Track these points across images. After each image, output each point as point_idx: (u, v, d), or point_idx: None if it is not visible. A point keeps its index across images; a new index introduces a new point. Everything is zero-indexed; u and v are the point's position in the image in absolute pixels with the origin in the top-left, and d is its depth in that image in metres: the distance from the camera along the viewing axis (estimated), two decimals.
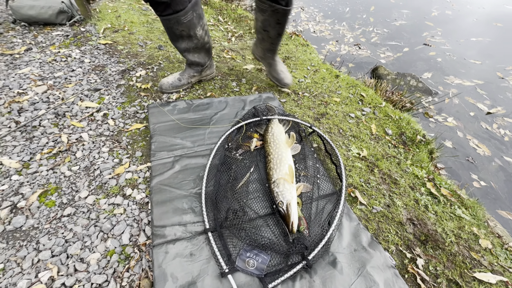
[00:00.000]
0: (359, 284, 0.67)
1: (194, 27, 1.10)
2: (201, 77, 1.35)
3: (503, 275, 0.77)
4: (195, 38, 1.14)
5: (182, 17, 1.03)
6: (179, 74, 1.30)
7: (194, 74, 1.30)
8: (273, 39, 1.23)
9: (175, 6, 1.00)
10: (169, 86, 1.28)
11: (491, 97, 1.73)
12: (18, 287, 0.69)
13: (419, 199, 0.97)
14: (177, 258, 0.71)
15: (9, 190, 0.89)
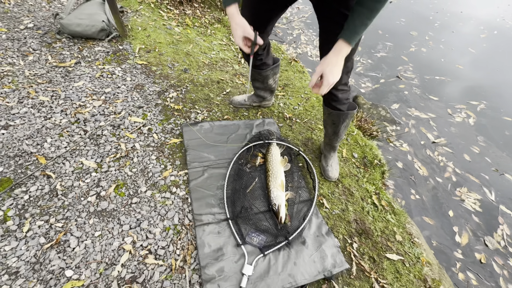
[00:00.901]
0: (317, 255, 1.16)
1: (268, 79, 1.58)
2: (259, 105, 1.85)
3: (403, 256, 1.28)
4: (267, 83, 1.62)
5: (263, 72, 1.51)
6: (247, 97, 1.82)
7: (255, 101, 1.82)
8: (330, 136, 1.43)
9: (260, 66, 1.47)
10: (238, 103, 1.83)
11: (438, 129, 2.25)
12: (113, 246, 1.14)
13: (365, 207, 1.46)
14: (210, 234, 1.17)
15: (92, 183, 1.32)
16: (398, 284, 1.18)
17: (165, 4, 2.89)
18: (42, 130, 1.50)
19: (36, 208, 1.19)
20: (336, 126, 1.35)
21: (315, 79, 0.99)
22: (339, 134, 1.41)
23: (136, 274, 1.07)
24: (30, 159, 1.36)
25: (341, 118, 1.31)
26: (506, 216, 1.78)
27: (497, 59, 3.14)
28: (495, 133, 2.30)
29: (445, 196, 1.85)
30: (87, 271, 1.05)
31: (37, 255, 1.07)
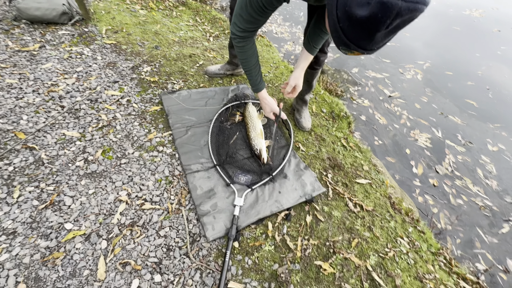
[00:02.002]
0: (297, 184, 1.32)
1: None
2: (233, 72, 1.91)
3: (370, 181, 1.49)
4: None
5: None
6: (220, 66, 1.87)
7: (229, 69, 1.88)
8: (303, 91, 1.59)
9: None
10: (212, 73, 1.88)
11: (393, 85, 2.54)
12: (109, 200, 1.20)
13: (335, 148, 1.66)
14: (201, 179, 1.28)
15: (78, 150, 1.35)
16: (367, 200, 1.39)
17: None
18: (15, 109, 1.48)
19: (24, 177, 1.21)
20: (310, 82, 1.57)
21: (289, 89, 1.31)
22: (312, 87, 1.62)
23: (135, 220, 1.15)
24: (8, 136, 1.35)
25: (314, 74, 1.53)
26: (451, 148, 2.10)
27: (436, 26, 3.55)
28: (439, 85, 2.65)
29: (402, 138, 2.12)
30: (87, 223, 1.11)
31: (33, 215, 1.10)
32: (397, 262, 1.18)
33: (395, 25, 0.56)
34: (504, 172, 1.97)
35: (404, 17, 0.54)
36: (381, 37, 0.60)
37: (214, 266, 1.05)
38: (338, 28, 0.62)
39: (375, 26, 0.56)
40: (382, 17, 0.54)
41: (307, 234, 1.18)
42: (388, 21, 0.55)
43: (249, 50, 1.11)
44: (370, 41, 0.60)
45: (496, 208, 1.76)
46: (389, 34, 0.60)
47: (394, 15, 0.53)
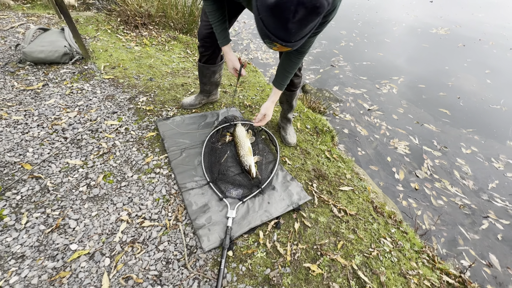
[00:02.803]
0: (285, 194, 1.43)
1: (215, 73, 1.80)
2: (208, 101, 2.04)
3: (353, 187, 1.61)
4: (213, 77, 1.82)
5: (212, 66, 1.72)
6: (194, 97, 1.99)
7: (203, 98, 2.00)
8: (285, 110, 1.80)
9: (211, 58, 1.68)
10: (188, 105, 1.98)
11: (371, 99, 2.76)
12: (110, 220, 1.29)
13: (320, 160, 1.80)
14: (195, 195, 1.39)
15: (81, 177, 1.46)
16: (351, 205, 1.50)
17: (121, 29, 3.13)
18: (21, 143, 1.60)
19: (31, 204, 1.31)
20: (290, 102, 1.76)
21: (260, 117, 1.48)
22: (292, 107, 1.80)
23: (136, 237, 1.24)
24: (15, 168, 1.46)
25: (293, 95, 1.71)
26: (428, 153, 2.25)
27: (407, 44, 3.89)
28: (414, 97, 2.88)
29: (383, 147, 2.28)
30: (91, 242, 1.20)
31: (40, 239, 1.19)
32: (381, 261, 1.27)
33: (302, 15, 0.69)
34: (478, 172, 2.12)
35: (306, 4, 0.66)
36: (295, 28, 0.73)
37: (211, 274, 1.13)
38: (259, 19, 0.76)
39: (283, 13, 0.68)
40: (286, 3, 0.66)
41: (296, 239, 1.28)
42: (292, 8, 0.67)
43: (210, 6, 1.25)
44: (286, 31, 0.73)
45: (475, 206, 1.88)
46: (301, 25, 0.72)
47: (295, 5, 0.66)
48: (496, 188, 2.01)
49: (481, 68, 3.33)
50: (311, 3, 0.67)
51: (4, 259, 1.11)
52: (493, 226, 1.79)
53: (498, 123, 2.59)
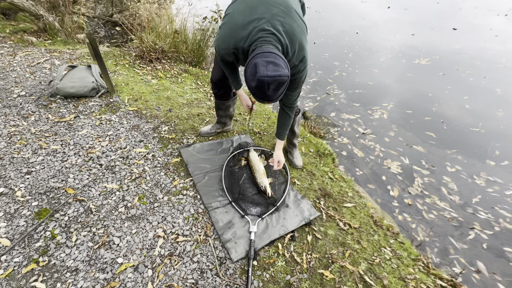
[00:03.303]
0: (297, 211, 1.66)
1: (230, 107, 2.09)
2: (222, 130, 2.31)
3: (355, 204, 1.85)
4: (228, 111, 2.12)
5: (226, 102, 2.01)
6: (211, 126, 2.25)
7: (219, 127, 2.26)
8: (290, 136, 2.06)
9: (225, 97, 1.98)
10: (205, 133, 2.24)
11: (365, 124, 3.08)
12: (149, 236, 1.48)
13: (324, 180, 2.04)
14: (221, 213, 1.60)
15: (118, 199, 1.67)
16: (354, 220, 1.73)
17: (137, 64, 3.47)
18: (62, 170, 1.82)
19: (77, 224, 1.50)
20: (292, 129, 2.02)
21: (276, 164, 1.76)
22: (295, 133, 2.06)
23: (172, 250, 1.43)
24: (60, 192, 1.67)
25: (293, 123, 1.98)
26: (418, 172, 2.53)
27: (393, 74, 4.34)
28: (402, 122, 3.22)
29: (378, 167, 2.55)
30: (134, 256, 1.38)
31: (89, 254, 1.37)
32: (383, 267, 1.48)
33: (274, 87, 1.08)
34: (463, 188, 2.38)
35: (275, 83, 1.06)
36: (272, 94, 1.11)
37: (240, 281, 1.32)
38: (251, 92, 1.14)
39: (263, 90, 1.08)
40: (262, 86, 1.06)
41: (310, 249, 1.48)
42: (266, 86, 1.06)
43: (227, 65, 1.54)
44: (267, 96, 1.12)
45: (462, 219, 2.12)
46: (275, 91, 1.11)
47: (267, 83, 1.05)
48: (479, 202, 2.27)
49: (460, 95, 3.74)
50: (275, 80, 1.06)
51: (61, 272, 1.29)
52: (478, 236, 2.02)
53: (478, 144, 2.92)
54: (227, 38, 1.27)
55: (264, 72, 1.04)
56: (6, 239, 1.39)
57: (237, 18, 1.22)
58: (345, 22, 6.42)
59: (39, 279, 1.25)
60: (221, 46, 1.31)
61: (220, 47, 1.33)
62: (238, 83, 1.70)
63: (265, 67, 1.04)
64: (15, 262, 1.31)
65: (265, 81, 1.04)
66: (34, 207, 1.57)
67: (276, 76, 1.04)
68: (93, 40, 2.28)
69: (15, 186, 1.68)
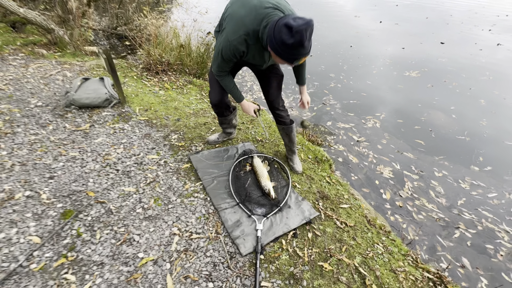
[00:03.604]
0: (298, 211, 1.83)
1: (232, 120, 2.27)
2: (228, 138, 2.49)
3: (350, 205, 2.03)
4: (231, 123, 2.30)
5: (228, 117, 2.20)
6: (218, 135, 2.43)
7: (225, 136, 2.45)
8: (288, 143, 2.20)
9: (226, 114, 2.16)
10: (212, 142, 2.41)
11: (359, 132, 3.30)
12: (165, 234, 1.64)
13: (322, 184, 2.23)
14: (229, 213, 1.77)
15: (136, 201, 1.83)
16: (350, 219, 1.91)
17: (145, 75, 3.67)
18: (82, 175, 1.98)
19: (100, 223, 1.65)
20: (289, 135, 2.18)
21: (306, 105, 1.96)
22: (293, 141, 2.23)
23: (187, 246, 1.59)
24: (81, 195, 1.83)
25: (289, 129, 2.15)
26: (408, 177, 2.73)
27: (385, 85, 4.61)
28: (394, 130, 3.44)
29: (371, 172, 2.74)
30: (153, 251, 1.54)
31: (113, 250, 1.52)
32: (376, 260, 1.65)
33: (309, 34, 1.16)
34: (449, 192, 2.59)
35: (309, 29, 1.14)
36: (308, 43, 1.18)
37: (249, 273, 1.48)
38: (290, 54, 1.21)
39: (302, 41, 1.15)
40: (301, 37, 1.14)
41: (310, 245, 1.66)
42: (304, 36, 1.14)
43: (225, 79, 1.70)
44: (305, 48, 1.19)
45: (448, 219, 2.31)
46: (310, 38, 1.19)
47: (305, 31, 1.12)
48: (464, 204, 2.47)
49: (447, 105, 4.00)
50: (309, 25, 1.14)
51: (88, 266, 1.44)
52: (463, 235, 2.21)
53: (464, 151, 3.15)
54: (236, 28, 1.37)
55: (297, 24, 1.11)
56: (36, 237, 1.54)
57: (239, 11, 1.36)
58: (339, 36, 6.77)
59: (69, 272, 1.40)
60: (232, 38, 1.39)
61: (231, 40, 1.39)
62: (240, 95, 1.82)
63: (294, 20, 1.13)
64: (46, 257, 1.45)
65: (302, 29, 1.11)
66: (59, 209, 1.72)
67: (308, 22, 1.12)
68: (109, 55, 2.48)
69: (40, 189, 1.83)
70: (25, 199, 1.75)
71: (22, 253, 1.45)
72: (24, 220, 1.62)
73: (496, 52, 5.89)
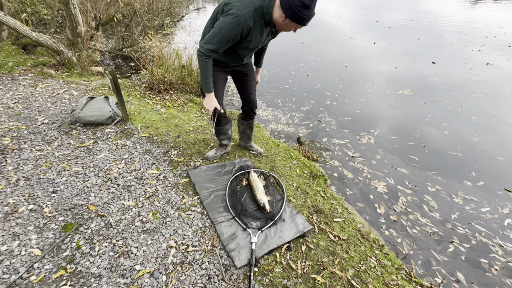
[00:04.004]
0: (293, 225, 1.88)
1: (228, 130, 2.41)
2: (225, 151, 2.62)
3: (344, 219, 2.08)
4: (227, 134, 2.44)
5: (225, 126, 2.35)
6: (215, 150, 2.55)
7: (223, 150, 2.58)
8: (249, 135, 2.55)
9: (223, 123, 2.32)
10: (211, 157, 2.52)
11: (354, 148, 3.39)
12: (162, 247, 1.68)
13: (317, 198, 2.29)
14: (225, 227, 1.82)
15: (135, 214, 1.88)
16: (343, 233, 1.95)
17: (147, 94, 3.84)
18: (84, 189, 2.05)
19: (99, 236, 1.71)
20: (252, 127, 2.50)
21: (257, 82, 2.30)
22: (253, 131, 2.56)
23: (183, 259, 1.63)
24: (83, 208, 1.89)
25: (252, 122, 2.47)
26: (402, 191, 2.78)
27: (379, 103, 4.77)
28: (388, 146, 3.54)
29: (366, 187, 2.80)
30: (150, 264, 1.58)
31: (111, 262, 1.57)
32: (369, 274, 1.68)
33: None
34: (442, 206, 2.63)
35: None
36: (314, 7, 1.42)
37: (243, 285, 1.51)
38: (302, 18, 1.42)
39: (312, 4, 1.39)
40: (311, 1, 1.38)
41: (304, 258, 1.69)
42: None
43: (209, 63, 1.71)
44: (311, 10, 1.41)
45: (442, 233, 2.34)
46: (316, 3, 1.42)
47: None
48: (458, 218, 2.50)
49: (440, 122, 4.12)
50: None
51: (86, 278, 1.48)
52: (457, 249, 2.22)
53: (456, 166, 3.22)
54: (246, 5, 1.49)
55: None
56: (37, 249, 1.59)
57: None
58: (335, 56, 7.07)
59: (67, 284, 1.44)
60: (243, 12, 1.48)
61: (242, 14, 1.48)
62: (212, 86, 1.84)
63: None
64: (46, 269, 1.49)
65: None
66: (61, 222, 1.78)
67: None
68: (114, 76, 2.64)
69: (43, 203, 1.90)
70: (28, 212, 1.81)
71: (22, 265, 1.50)
72: (26, 233, 1.67)
73: (486, 71, 6.12)
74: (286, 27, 1.55)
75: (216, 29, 1.57)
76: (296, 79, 5.59)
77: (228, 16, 1.51)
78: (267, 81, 5.45)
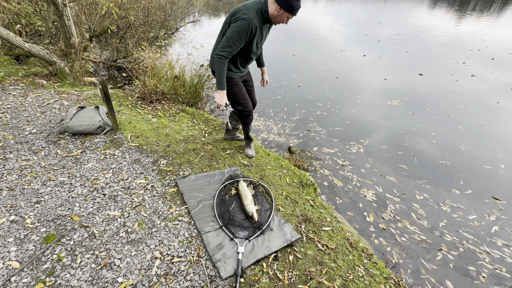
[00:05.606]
0: (280, 234, 1.87)
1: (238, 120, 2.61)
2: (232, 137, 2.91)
3: (332, 228, 2.08)
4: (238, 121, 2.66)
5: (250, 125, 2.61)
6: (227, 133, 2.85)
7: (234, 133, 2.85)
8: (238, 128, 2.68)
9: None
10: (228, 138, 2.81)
11: (343, 157, 3.42)
12: (147, 258, 1.64)
13: (306, 208, 2.28)
14: (212, 237, 1.80)
15: (120, 225, 1.85)
16: (331, 242, 1.94)
17: (139, 104, 3.85)
18: (69, 199, 2.02)
19: (82, 248, 1.67)
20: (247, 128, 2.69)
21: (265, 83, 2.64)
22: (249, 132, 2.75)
23: (168, 270, 1.59)
24: (66, 219, 1.85)
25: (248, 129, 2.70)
26: (390, 199, 2.80)
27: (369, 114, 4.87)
28: (377, 155, 3.58)
29: (355, 196, 2.81)
30: (133, 276, 1.54)
31: (92, 275, 1.52)
32: (356, 283, 1.66)
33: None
34: (430, 214, 2.65)
35: None
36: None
37: None
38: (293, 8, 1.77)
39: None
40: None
41: (291, 268, 1.67)
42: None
43: (225, 64, 2.03)
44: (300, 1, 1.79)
45: (430, 241, 2.34)
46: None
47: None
48: (445, 226, 2.52)
49: (428, 131, 4.21)
50: None
51: None
52: (446, 257, 2.23)
53: (444, 175, 3.27)
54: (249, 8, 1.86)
55: None
56: (16, 262, 1.54)
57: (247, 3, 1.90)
58: (327, 68, 7.24)
59: None
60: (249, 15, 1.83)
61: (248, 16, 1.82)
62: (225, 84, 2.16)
63: None
64: (23, 283, 1.44)
65: None
66: (43, 233, 1.73)
67: None
68: (105, 86, 2.65)
69: (25, 214, 1.85)
70: (9, 223, 1.77)
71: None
72: (6, 245, 1.62)
73: (471, 82, 6.34)
74: (280, 18, 1.88)
75: (229, 34, 1.90)
76: (288, 90, 5.69)
77: (238, 21, 1.86)
78: (260, 92, 5.53)
